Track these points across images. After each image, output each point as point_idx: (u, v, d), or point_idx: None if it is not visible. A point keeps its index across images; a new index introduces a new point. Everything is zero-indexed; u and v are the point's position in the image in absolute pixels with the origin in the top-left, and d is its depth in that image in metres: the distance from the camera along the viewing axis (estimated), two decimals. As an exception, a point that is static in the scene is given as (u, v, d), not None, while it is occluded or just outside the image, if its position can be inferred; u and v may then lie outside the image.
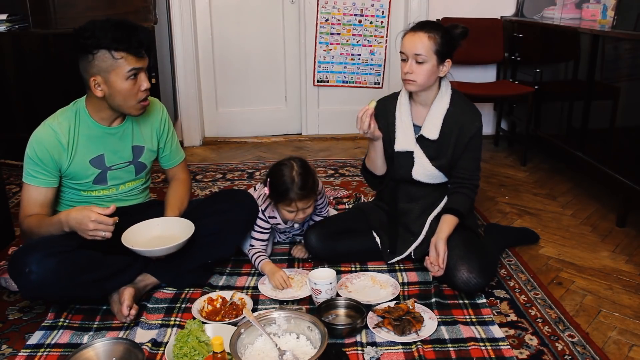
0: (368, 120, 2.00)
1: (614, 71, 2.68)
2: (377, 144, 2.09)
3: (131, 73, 1.80)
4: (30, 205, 1.87)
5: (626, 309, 1.93)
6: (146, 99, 1.89)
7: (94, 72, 1.81)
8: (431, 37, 1.95)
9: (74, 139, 1.88)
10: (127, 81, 1.81)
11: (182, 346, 1.54)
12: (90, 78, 1.82)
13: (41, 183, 1.88)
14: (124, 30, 1.78)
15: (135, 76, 1.82)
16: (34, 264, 1.67)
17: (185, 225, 1.93)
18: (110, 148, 1.94)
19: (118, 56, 1.78)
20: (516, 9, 3.85)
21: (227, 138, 4.02)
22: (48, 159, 1.85)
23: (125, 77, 1.80)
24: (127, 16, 3.52)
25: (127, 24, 1.82)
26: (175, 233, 1.93)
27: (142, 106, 1.89)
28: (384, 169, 2.17)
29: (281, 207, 2.07)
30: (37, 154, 1.85)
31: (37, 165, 1.86)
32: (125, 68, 1.79)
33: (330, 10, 3.89)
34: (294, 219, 2.09)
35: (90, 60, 1.80)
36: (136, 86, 1.84)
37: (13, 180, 3.23)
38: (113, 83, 1.80)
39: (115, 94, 1.83)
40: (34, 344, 1.71)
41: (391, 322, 1.73)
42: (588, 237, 2.49)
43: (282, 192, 2.00)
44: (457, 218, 2.03)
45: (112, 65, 1.79)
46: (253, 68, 4.00)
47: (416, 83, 2.00)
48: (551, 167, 3.43)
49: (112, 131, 1.94)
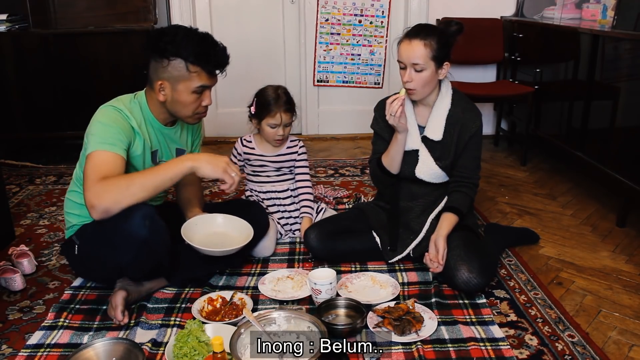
0: (398, 104, 1.96)
1: (614, 71, 2.68)
2: (400, 137, 2.05)
3: (199, 89, 1.81)
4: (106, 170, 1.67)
5: (626, 309, 1.93)
6: (205, 113, 1.90)
7: (163, 77, 1.80)
8: (427, 44, 1.94)
9: (141, 126, 1.86)
10: (192, 94, 1.81)
11: (182, 346, 1.54)
12: (157, 81, 1.81)
13: (120, 151, 1.73)
14: (207, 46, 1.79)
15: (201, 92, 1.83)
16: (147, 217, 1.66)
17: (245, 227, 1.99)
18: (163, 145, 1.97)
19: (193, 70, 1.78)
20: (516, 9, 3.85)
21: (227, 138, 4.02)
22: (126, 128, 1.78)
23: (191, 91, 1.81)
24: (127, 16, 3.53)
25: (210, 40, 1.82)
26: (235, 233, 1.99)
27: (198, 118, 1.91)
28: (399, 167, 2.15)
29: (265, 123, 2.27)
30: (116, 121, 1.77)
31: (117, 131, 1.75)
32: (196, 83, 1.80)
33: (330, 10, 3.89)
34: (275, 137, 2.28)
35: (164, 65, 1.78)
36: (199, 100, 1.85)
37: (13, 180, 3.23)
38: (179, 93, 1.81)
39: (176, 102, 1.83)
40: (34, 344, 1.71)
41: (391, 322, 1.73)
42: (588, 237, 2.49)
43: (269, 103, 2.25)
44: (456, 216, 2.04)
45: (184, 77, 1.79)
46: (253, 68, 4.00)
47: (417, 92, 2.00)
48: (551, 167, 3.43)
49: (166, 131, 1.96)
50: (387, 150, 2.12)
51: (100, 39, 3.45)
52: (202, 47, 1.78)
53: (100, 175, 1.65)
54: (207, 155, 1.77)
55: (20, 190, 3.09)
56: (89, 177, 1.66)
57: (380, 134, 2.17)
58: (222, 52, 1.84)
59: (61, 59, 3.42)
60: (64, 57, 3.43)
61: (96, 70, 3.48)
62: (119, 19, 3.53)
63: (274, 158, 2.37)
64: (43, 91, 3.46)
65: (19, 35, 3.42)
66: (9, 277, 2.02)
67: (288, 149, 2.39)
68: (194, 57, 1.76)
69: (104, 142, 1.72)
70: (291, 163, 2.41)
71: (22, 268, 2.13)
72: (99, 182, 1.64)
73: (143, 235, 1.67)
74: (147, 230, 1.67)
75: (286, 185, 2.41)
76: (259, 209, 2.26)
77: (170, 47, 1.76)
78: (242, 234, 1.99)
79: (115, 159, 1.71)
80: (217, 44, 1.83)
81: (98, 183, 1.64)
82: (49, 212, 2.75)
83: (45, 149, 3.85)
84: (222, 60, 1.84)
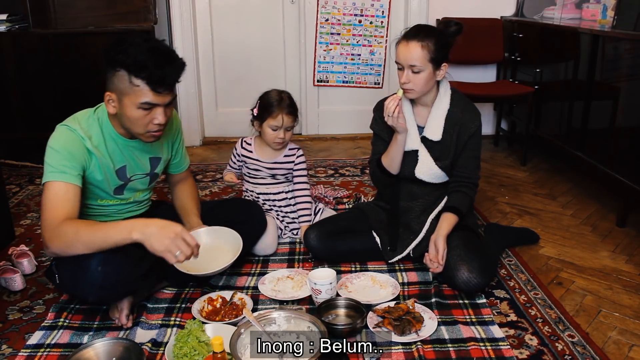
0: (395, 105, 1.96)
1: (614, 71, 2.68)
2: (400, 138, 2.04)
3: (145, 105, 1.66)
4: (60, 208, 1.63)
5: (626, 309, 1.93)
6: (159, 130, 1.74)
7: (110, 88, 1.69)
8: (424, 46, 1.94)
9: (98, 146, 1.77)
10: (138, 110, 1.67)
11: (182, 346, 1.54)
12: (105, 91, 1.71)
13: (72, 179, 1.67)
14: (154, 57, 1.62)
15: (149, 109, 1.68)
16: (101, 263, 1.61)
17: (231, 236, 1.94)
18: (131, 159, 1.86)
19: (136, 83, 1.63)
20: (516, 9, 3.85)
21: (227, 138, 4.02)
22: (78, 153, 1.70)
23: (136, 107, 1.66)
24: (127, 16, 3.53)
25: (162, 52, 1.66)
26: (222, 244, 1.93)
27: (153, 136, 1.75)
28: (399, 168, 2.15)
29: (266, 124, 2.26)
30: (66, 147, 1.69)
31: (66, 158, 1.67)
32: (139, 98, 1.64)
33: (330, 10, 3.89)
34: (275, 139, 2.27)
35: (111, 75, 1.67)
36: (148, 117, 1.69)
37: (13, 180, 3.23)
38: (124, 106, 1.68)
39: (124, 117, 1.70)
40: (34, 344, 1.71)
41: (391, 322, 1.73)
42: (588, 237, 2.49)
43: (271, 104, 2.24)
44: (456, 216, 2.04)
45: (127, 90, 1.65)
46: (253, 68, 4.00)
47: (415, 91, 2.00)
48: (551, 167, 3.43)
49: (132, 144, 1.84)
50: (386, 151, 2.11)
51: (100, 39, 3.45)
52: (147, 59, 1.61)
53: (54, 214, 1.63)
54: (157, 226, 1.58)
55: (20, 190, 3.09)
56: (44, 214, 1.64)
57: (379, 135, 2.17)
58: (171, 66, 1.66)
59: (61, 59, 3.42)
60: (64, 57, 3.43)
61: (96, 70, 3.46)
62: (119, 19, 3.53)
63: (269, 165, 2.35)
64: (43, 91, 3.46)
65: (19, 35, 3.42)
66: (9, 277, 2.02)
67: (285, 157, 2.36)
68: (136, 69, 1.61)
69: (55, 171, 1.67)
70: (287, 171, 2.38)
71: (22, 268, 2.13)
72: (51, 226, 1.62)
73: (98, 282, 1.64)
74: (101, 276, 1.62)
75: (281, 188, 2.39)
76: (257, 208, 2.25)
77: (117, 56, 1.63)
78: (232, 244, 1.93)
79: (67, 189, 1.66)
80: (168, 58, 1.66)
81: (51, 226, 1.62)
82: (49, 212, 2.74)
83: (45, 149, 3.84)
84: (169, 75, 1.65)
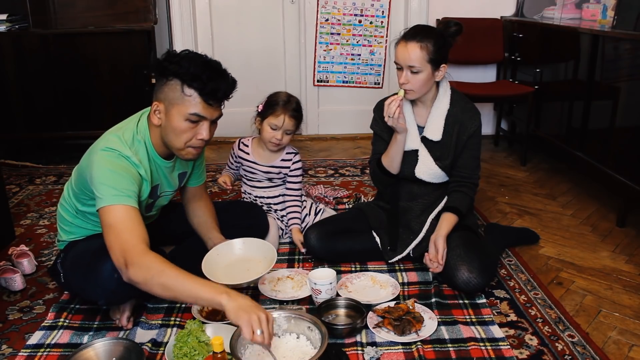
0: (396, 106, 1.95)
1: (614, 71, 2.68)
2: (400, 138, 2.04)
3: (193, 117, 1.64)
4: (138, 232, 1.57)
5: (626, 309, 1.93)
6: (199, 148, 1.72)
7: (159, 98, 1.67)
8: (423, 47, 1.94)
9: (147, 171, 1.74)
10: (185, 122, 1.65)
11: (182, 346, 1.54)
12: (154, 101, 1.69)
13: (136, 203, 1.63)
14: (208, 70, 1.64)
15: (196, 122, 1.66)
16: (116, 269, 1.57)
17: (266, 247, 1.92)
18: (163, 178, 1.86)
19: (188, 92, 1.63)
20: (516, 9, 3.85)
21: (227, 138, 4.01)
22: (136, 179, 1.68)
23: (184, 118, 1.64)
24: (127, 16, 3.53)
25: (215, 67, 1.68)
26: (255, 255, 1.92)
27: (191, 153, 1.72)
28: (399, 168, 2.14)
29: (267, 122, 2.24)
30: (124, 169, 1.64)
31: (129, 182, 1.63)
32: (189, 109, 1.63)
33: (330, 10, 3.89)
34: (272, 139, 2.24)
35: (162, 84, 1.66)
36: (193, 131, 1.67)
37: (13, 180, 3.22)
38: (171, 117, 1.65)
39: (169, 128, 1.68)
40: (34, 344, 1.71)
41: (391, 322, 1.73)
42: (588, 237, 2.49)
43: (276, 103, 2.23)
44: (456, 216, 2.04)
45: (178, 99, 1.63)
46: (253, 68, 4.00)
47: (414, 92, 2.00)
48: (551, 167, 3.43)
49: (167, 164, 1.83)
50: (386, 151, 2.11)
51: (100, 39, 3.45)
52: (202, 70, 1.63)
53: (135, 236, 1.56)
54: (250, 301, 1.49)
55: (20, 190, 3.09)
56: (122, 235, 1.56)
57: (379, 135, 2.17)
58: (224, 81, 1.68)
59: (61, 59, 3.42)
60: (64, 57, 3.43)
61: (96, 70, 3.48)
62: (119, 19, 3.53)
63: (265, 168, 2.34)
64: (43, 91, 3.46)
65: (19, 35, 3.42)
66: (9, 277, 2.02)
67: (282, 161, 2.34)
68: (190, 79, 1.62)
69: (120, 195, 1.60)
70: (282, 175, 2.36)
71: (22, 268, 2.13)
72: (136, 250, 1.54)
73: (111, 287, 1.64)
74: (115, 283, 1.61)
75: (278, 192, 2.39)
76: (260, 212, 2.27)
77: (171, 66, 1.64)
78: (264, 256, 1.90)
79: (137, 214, 1.62)
80: (221, 72, 1.69)
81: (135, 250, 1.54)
82: (49, 212, 2.75)
83: (45, 149, 3.85)
84: (222, 89, 1.66)
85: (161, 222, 2.05)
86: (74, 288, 1.87)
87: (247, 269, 1.86)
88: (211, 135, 1.72)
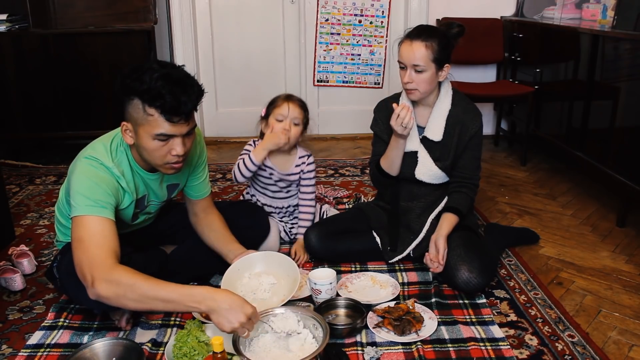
0: (410, 116, 1.93)
1: (614, 71, 2.68)
2: (401, 142, 2.04)
3: (161, 137, 1.55)
4: (108, 245, 1.53)
5: (626, 309, 1.93)
6: (178, 162, 1.62)
7: (126, 117, 1.58)
8: (428, 46, 1.94)
9: (129, 183, 1.70)
10: (154, 141, 1.56)
11: (182, 346, 1.54)
12: (121, 121, 1.60)
13: (111, 216, 1.58)
14: (168, 85, 1.49)
15: (165, 140, 1.56)
16: None
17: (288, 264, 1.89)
18: (150, 190, 1.81)
19: (150, 112, 1.51)
20: (516, 9, 3.85)
21: (227, 138, 4.02)
22: (114, 191, 1.63)
23: (152, 137, 1.55)
24: (127, 16, 3.53)
25: (177, 80, 1.52)
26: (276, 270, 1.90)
27: (172, 168, 1.64)
28: (399, 170, 2.14)
29: (273, 117, 2.21)
30: (102, 180, 1.59)
31: (105, 192, 1.58)
32: (154, 129, 1.53)
33: (330, 10, 3.89)
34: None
35: (126, 103, 1.56)
36: (166, 147, 1.58)
37: (13, 180, 3.22)
38: (140, 137, 1.57)
39: (141, 148, 1.60)
40: (34, 344, 1.71)
41: (391, 322, 1.73)
42: (588, 237, 2.49)
43: (277, 97, 2.24)
44: (457, 217, 2.04)
45: (142, 120, 1.53)
46: (253, 68, 4.00)
47: (418, 92, 2.00)
48: (551, 167, 3.43)
49: (153, 177, 1.78)
50: (385, 154, 2.11)
51: (100, 39, 3.45)
52: (162, 85, 1.48)
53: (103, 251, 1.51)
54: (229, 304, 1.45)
55: (20, 190, 3.09)
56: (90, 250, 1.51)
57: (380, 136, 2.17)
58: (186, 94, 1.52)
59: (61, 59, 3.43)
60: (63, 57, 3.43)
61: (96, 70, 3.48)
62: (119, 19, 3.53)
63: (281, 176, 2.28)
64: (43, 91, 3.46)
65: (19, 35, 3.42)
66: (9, 277, 2.02)
67: (296, 167, 2.28)
68: (150, 98, 1.49)
69: (95, 205, 1.56)
70: (299, 180, 2.30)
71: (22, 268, 2.13)
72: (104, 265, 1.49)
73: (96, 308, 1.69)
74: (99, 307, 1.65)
75: (288, 202, 2.36)
76: (261, 213, 2.26)
77: (132, 83, 1.51)
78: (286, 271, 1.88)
79: (111, 226, 1.57)
80: (184, 84, 1.53)
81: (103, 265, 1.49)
82: (49, 212, 2.75)
83: (45, 149, 3.85)
84: (185, 104, 1.51)
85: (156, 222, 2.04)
86: (69, 294, 1.84)
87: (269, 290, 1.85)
88: (187, 148, 1.61)
